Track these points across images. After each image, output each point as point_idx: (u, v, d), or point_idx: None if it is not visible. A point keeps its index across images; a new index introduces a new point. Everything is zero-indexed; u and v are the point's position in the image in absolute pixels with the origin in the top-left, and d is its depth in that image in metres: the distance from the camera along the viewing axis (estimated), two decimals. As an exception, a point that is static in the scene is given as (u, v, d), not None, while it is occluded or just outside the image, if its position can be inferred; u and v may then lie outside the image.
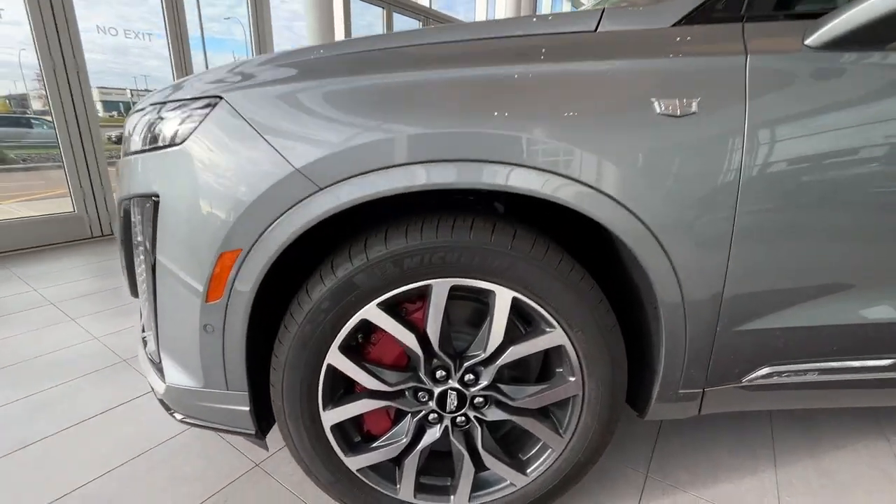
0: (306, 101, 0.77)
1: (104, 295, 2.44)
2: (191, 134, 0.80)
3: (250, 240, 0.79)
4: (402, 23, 6.45)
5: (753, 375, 0.94)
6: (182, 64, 3.92)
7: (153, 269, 0.87)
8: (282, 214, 0.77)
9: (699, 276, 0.82)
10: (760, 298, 0.85)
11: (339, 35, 5.61)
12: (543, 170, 0.75)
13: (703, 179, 0.77)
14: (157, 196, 0.84)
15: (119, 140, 1.56)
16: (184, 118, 0.82)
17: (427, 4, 7.08)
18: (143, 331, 1.09)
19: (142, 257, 0.91)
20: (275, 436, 1.23)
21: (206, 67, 4.02)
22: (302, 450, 0.92)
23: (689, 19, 0.80)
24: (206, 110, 0.80)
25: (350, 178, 0.75)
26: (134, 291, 1.08)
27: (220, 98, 0.79)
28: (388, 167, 0.75)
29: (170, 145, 0.82)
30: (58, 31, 3.10)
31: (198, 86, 0.84)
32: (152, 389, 1.03)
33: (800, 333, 0.90)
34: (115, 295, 2.44)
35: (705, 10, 0.79)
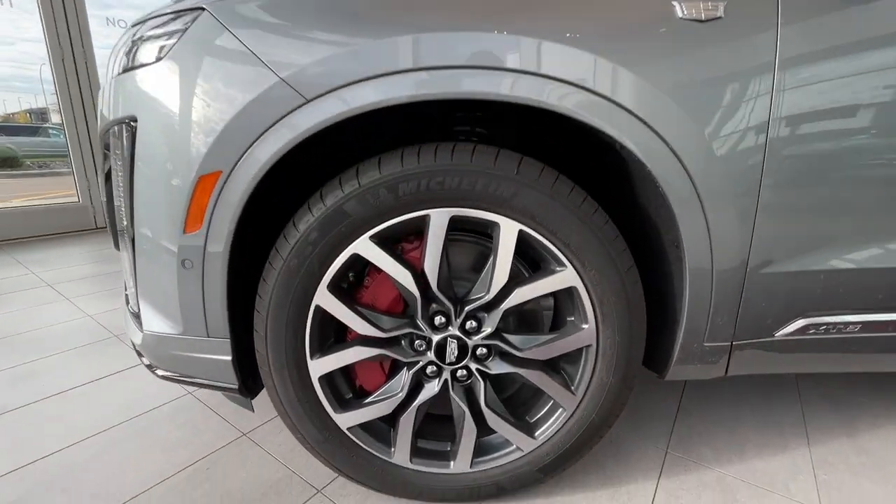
0: (293, 6, 0.70)
1: (102, 278, 2.39)
2: (171, 49, 0.74)
3: (230, 161, 0.72)
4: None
5: (787, 329, 0.85)
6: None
7: (131, 202, 0.81)
8: (265, 131, 0.70)
9: (726, 203, 0.73)
10: (797, 232, 0.77)
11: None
12: (559, 79, 0.68)
13: (731, 89, 0.69)
14: (136, 120, 0.77)
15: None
16: (164, 33, 0.76)
17: None
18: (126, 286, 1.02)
19: (121, 195, 0.85)
20: (265, 407, 1.16)
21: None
22: (287, 403, 0.84)
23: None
24: (187, 24, 0.74)
25: (340, 87, 0.68)
26: (117, 244, 1.02)
27: (203, 9, 0.74)
28: (382, 75, 0.68)
29: (149, 63, 0.76)
30: (67, 20, 3.12)
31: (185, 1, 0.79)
32: (134, 348, 0.96)
33: (841, 277, 0.80)
34: (114, 278, 2.39)
35: None
